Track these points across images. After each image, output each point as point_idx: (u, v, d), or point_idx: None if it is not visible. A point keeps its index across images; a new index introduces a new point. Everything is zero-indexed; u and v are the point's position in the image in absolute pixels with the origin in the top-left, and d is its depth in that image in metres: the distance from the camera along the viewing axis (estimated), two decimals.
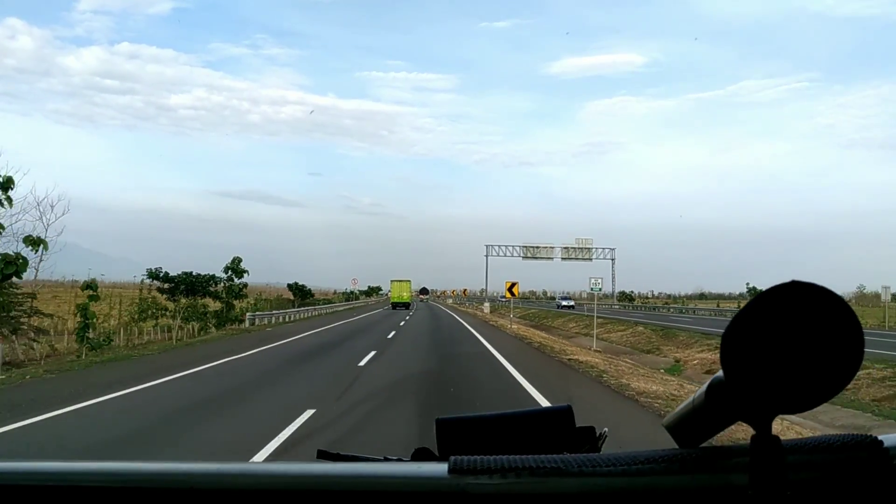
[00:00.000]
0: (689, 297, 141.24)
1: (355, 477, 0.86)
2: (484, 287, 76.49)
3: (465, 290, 68.09)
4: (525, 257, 77.12)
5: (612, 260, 78.14)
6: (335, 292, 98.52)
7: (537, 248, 77.07)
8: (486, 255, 76.18)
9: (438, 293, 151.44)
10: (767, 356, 0.68)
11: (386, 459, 1.01)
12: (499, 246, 77.07)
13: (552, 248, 77.27)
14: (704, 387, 0.80)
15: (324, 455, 1.04)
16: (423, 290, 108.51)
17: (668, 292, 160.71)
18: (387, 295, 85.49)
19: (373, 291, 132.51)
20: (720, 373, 0.73)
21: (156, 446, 7.07)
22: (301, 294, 69.90)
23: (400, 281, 70.92)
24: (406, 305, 67.68)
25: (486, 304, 74.32)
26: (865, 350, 0.69)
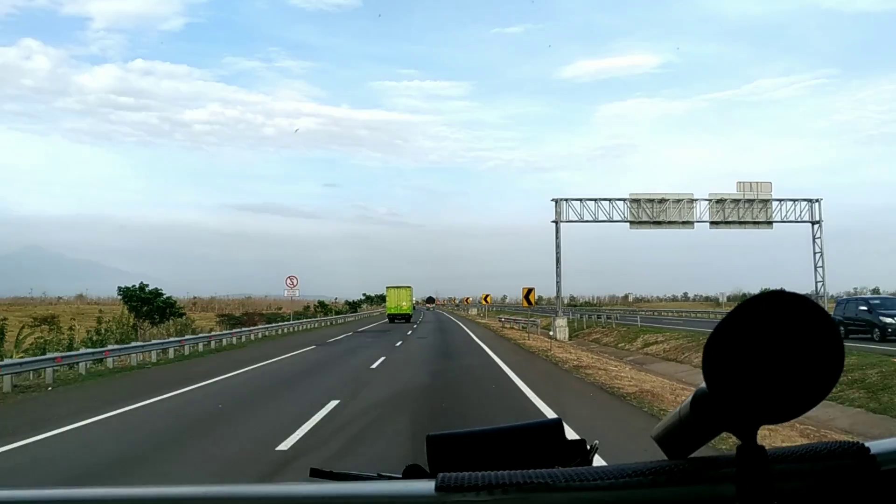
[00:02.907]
0: (733, 299, 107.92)
1: (344, 497, 0.87)
2: (555, 288, 36.94)
3: (531, 291, 29.39)
4: (636, 223, 38.09)
5: (815, 224, 38.42)
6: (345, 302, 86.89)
7: (661, 201, 37.88)
8: (556, 222, 37.39)
9: (457, 301, 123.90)
10: (749, 367, 0.69)
11: (380, 476, 1.00)
12: (582, 201, 38.04)
13: (690, 200, 38.06)
14: (689, 398, 0.80)
15: (317, 473, 1.03)
16: (430, 299, 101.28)
17: (704, 294, 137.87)
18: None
19: (370, 300, 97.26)
20: (703, 384, 0.74)
21: None
22: (148, 310, 31.92)
23: (398, 287, 53.90)
24: (406, 318, 52.20)
25: (560, 321, 35.53)
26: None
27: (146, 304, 30.20)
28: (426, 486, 0.80)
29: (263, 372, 16.75)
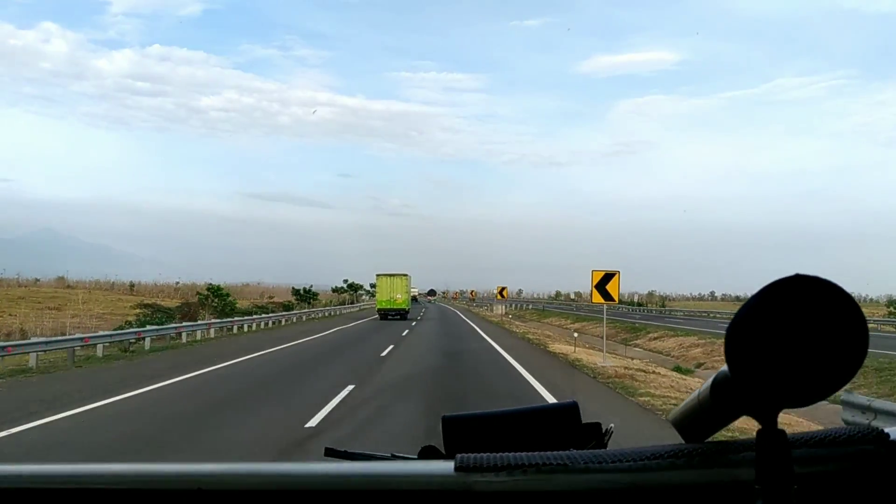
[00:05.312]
0: None
1: (362, 476, 0.87)
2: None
3: None
4: None
5: None
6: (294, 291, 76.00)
7: None
8: None
9: (474, 293, 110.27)
10: (772, 350, 0.69)
11: (394, 457, 1.02)
12: None
13: None
14: (709, 382, 0.80)
15: (332, 453, 1.05)
16: (431, 292, 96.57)
17: (735, 294, 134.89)
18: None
19: (353, 288, 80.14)
20: (724, 367, 0.75)
21: None
22: None
23: (391, 275, 43.87)
24: (402, 314, 42.86)
25: None
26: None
27: None
28: (445, 466, 0.82)
29: None
